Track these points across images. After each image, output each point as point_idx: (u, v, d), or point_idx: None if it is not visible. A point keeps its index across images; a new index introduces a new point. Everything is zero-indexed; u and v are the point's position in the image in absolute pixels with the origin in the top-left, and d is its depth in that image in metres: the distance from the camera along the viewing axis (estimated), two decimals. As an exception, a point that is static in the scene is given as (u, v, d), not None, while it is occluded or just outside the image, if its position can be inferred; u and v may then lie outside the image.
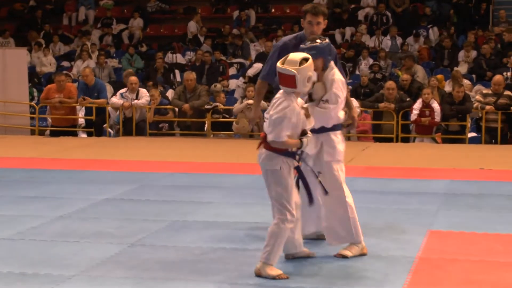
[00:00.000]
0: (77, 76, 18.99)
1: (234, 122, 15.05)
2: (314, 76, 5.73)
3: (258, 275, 5.46)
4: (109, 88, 17.43)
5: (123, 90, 15.33)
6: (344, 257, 5.95)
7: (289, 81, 5.52)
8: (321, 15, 6.74)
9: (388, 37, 20.90)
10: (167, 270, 5.60)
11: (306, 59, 5.58)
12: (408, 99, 14.72)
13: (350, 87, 15.30)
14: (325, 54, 6.10)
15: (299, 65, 5.52)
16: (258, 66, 17.84)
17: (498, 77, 14.64)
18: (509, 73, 16.15)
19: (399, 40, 20.86)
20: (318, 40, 6.10)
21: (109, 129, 15.58)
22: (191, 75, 15.29)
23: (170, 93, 16.97)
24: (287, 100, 5.54)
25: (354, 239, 6.03)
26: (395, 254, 6.02)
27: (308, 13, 6.73)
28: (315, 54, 5.95)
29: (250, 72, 18.48)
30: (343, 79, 6.18)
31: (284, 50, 6.63)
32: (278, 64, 5.62)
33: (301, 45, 6.15)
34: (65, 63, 21.52)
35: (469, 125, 14.54)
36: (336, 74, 6.12)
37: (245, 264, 5.76)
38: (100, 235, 6.70)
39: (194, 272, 5.55)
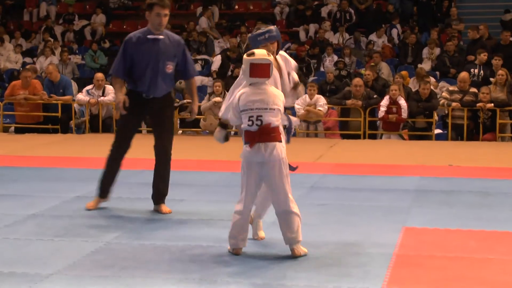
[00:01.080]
0: (40, 72, 18.79)
1: (201, 119, 15.01)
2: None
3: (299, 255, 5.78)
4: (73, 85, 17.28)
5: (89, 87, 15.22)
6: None
7: (265, 70, 5.70)
8: (168, 7, 7.28)
9: (352, 34, 21.01)
10: (146, 268, 5.55)
11: (269, 55, 5.77)
12: (375, 96, 14.81)
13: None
14: (279, 37, 6.25)
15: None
16: (218, 58, 18.58)
17: (463, 74, 14.78)
18: (476, 70, 16.30)
19: (362, 37, 20.98)
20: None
21: (75, 126, 15.45)
22: (155, 72, 15.18)
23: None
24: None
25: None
26: (372, 251, 6.03)
27: (156, 5, 7.20)
28: (272, 37, 6.11)
29: (214, 67, 18.53)
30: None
31: (128, 43, 7.29)
32: (247, 57, 5.74)
33: (255, 31, 6.28)
34: (27, 59, 21.29)
35: (435, 122, 14.68)
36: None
37: (223, 261, 5.74)
38: (74, 233, 6.63)
39: (173, 270, 5.52)
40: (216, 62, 18.59)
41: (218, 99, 15.00)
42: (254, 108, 5.72)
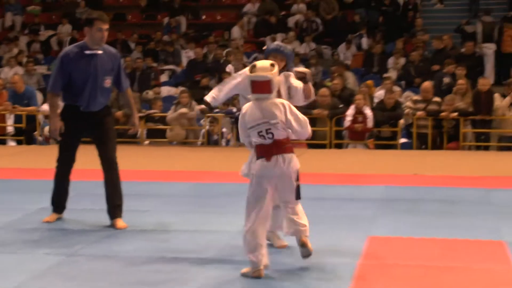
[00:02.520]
0: (5, 83, 18.63)
1: (168, 130, 14.98)
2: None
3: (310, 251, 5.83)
4: (38, 95, 17.16)
5: (54, 98, 15.10)
6: None
7: (265, 87, 5.60)
8: (108, 22, 7.33)
9: (318, 44, 21.10)
10: (110, 281, 5.53)
11: (273, 65, 5.69)
12: (341, 106, 14.88)
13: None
14: (288, 56, 6.49)
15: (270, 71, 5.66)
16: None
17: (426, 84, 14.92)
18: (447, 79, 16.42)
19: (325, 50, 21.08)
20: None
21: (39, 137, 15.34)
22: (123, 82, 15.14)
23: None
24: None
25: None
26: (337, 261, 6.05)
27: (97, 20, 7.22)
28: (280, 52, 6.37)
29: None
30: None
31: (66, 59, 7.23)
32: (249, 73, 5.70)
33: (272, 46, 6.48)
34: (-9, 70, 21.11)
35: (400, 131, 14.78)
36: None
37: (187, 272, 5.73)
38: (38, 246, 6.59)
39: (138, 282, 5.49)
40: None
41: (184, 110, 14.99)
42: (261, 122, 5.63)
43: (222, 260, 6.08)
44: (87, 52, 7.27)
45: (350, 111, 14.48)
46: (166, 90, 18.80)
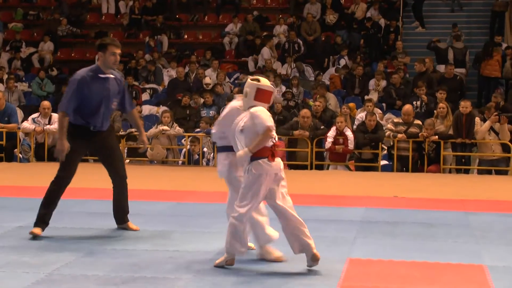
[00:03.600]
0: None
1: (148, 149, 14.94)
2: None
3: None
4: (19, 113, 17.09)
5: (35, 115, 15.08)
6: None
7: (268, 97, 6.36)
8: (120, 47, 7.82)
9: (298, 65, 21.18)
10: (88, 300, 5.50)
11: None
12: (322, 127, 14.92)
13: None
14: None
15: None
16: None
17: (407, 107, 14.98)
18: (418, 102, 16.56)
19: (310, 68, 21.16)
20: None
21: (20, 155, 15.26)
22: (104, 101, 15.12)
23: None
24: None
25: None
26: (316, 283, 6.05)
27: (111, 45, 7.74)
28: None
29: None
30: None
31: (83, 83, 7.66)
32: (253, 82, 6.31)
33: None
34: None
35: (382, 153, 14.81)
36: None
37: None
38: (15, 264, 6.53)
39: (116, 302, 5.47)
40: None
41: (165, 127, 14.97)
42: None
43: (202, 280, 6.05)
44: (101, 75, 7.75)
45: (331, 133, 14.51)
46: (147, 109, 18.79)
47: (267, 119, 6.23)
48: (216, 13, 24.79)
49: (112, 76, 7.84)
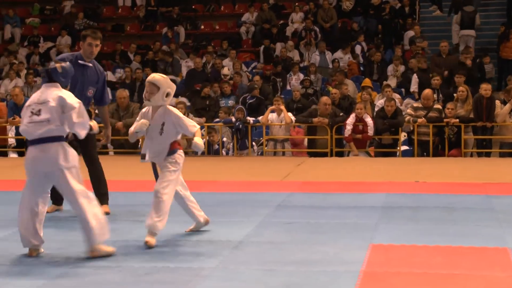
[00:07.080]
0: (5, 95, 18.66)
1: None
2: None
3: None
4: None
5: (54, 109, 15.10)
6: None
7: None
8: (99, 39, 8.42)
9: (317, 52, 21.12)
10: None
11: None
12: (341, 114, 14.87)
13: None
14: None
15: None
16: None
17: (427, 92, 14.90)
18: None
19: (328, 55, 21.09)
20: None
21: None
22: (124, 93, 15.18)
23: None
24: None
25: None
26: (339, 269, 6.02)
27: (89, 36, 8.32)
28: None
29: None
30: None
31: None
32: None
33: None
34: (-8, 82, 21.13)
35: (402, 138, 14.76)
36: None
37: (190, 282, 5.70)
38: (40, 257, 6.54)
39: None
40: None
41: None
42: None
43: (226, 269, 6.06)
44: (80, 62, 8.33)
45: (350, 120, 14.47)
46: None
47: None
48: (232, 3, 24.75)
49: (90, 65, 8.39)
